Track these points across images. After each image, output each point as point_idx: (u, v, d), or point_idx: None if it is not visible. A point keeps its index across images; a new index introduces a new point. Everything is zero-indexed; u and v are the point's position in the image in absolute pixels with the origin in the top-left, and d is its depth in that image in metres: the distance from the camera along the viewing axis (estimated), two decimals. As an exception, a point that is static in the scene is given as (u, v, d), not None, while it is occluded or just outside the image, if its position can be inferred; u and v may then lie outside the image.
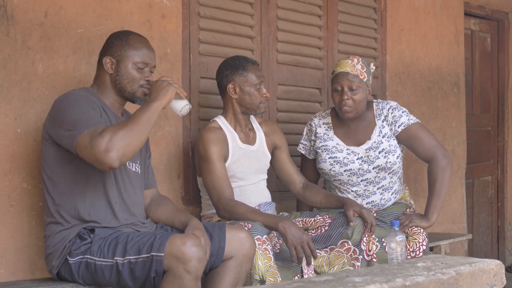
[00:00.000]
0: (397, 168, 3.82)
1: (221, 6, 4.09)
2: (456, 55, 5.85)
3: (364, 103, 3.74)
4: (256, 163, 3.75)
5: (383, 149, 3.78)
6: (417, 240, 3.72)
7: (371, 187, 3.81)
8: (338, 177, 3.82)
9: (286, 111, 4.47)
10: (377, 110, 3.83)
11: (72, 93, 2.98)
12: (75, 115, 2.85)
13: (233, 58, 3.70)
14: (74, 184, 2.98)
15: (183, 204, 3.89)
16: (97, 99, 3.05)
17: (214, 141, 3.56)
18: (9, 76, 3.19)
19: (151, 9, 3.75)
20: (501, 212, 6.67)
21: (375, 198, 3.82)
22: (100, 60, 3.12)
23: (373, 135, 3.80)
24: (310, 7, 4.62)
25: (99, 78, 3.13)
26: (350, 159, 3.80)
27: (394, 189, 3.86)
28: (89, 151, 2.74)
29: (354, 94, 3.69)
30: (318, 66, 4.65)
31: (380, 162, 3.77)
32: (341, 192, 3.86)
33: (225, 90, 3.67)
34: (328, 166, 3.83)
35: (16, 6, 3.21)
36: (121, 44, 3.09)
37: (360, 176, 3.80)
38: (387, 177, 3.81)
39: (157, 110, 2.90)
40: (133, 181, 3.13)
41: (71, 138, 2.80)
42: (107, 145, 2.71)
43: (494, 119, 6.62)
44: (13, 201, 3.23)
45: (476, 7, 6.23)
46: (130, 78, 3.08)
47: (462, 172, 5.97)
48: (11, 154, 3.21)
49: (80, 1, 3.45)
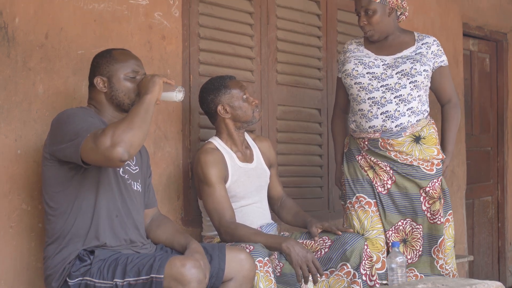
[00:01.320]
0: (420, 84, 3.76)
1: (221, 28, 4.11)
2: (455, 75, 5.86)
3: (385, 23, 3.80)
4: (256, 181, 3.74)
5: (413, 58, 3.78)
6: (414, 248, 3.73)
7: (389, 94, 3.74)
8: (359, 79, 3.79)
9: (285, 132, 4.47)
10: (418, 36, 3.87)
11: (69, 109, 3.00)
12: (76, 125, 2.85)
13: (210, 82, 3.71)
14: (75, 202, 2.97)
15: (183, 225, 3.88)
16: (96, 116, 3.06)
17: (213, 163, 3.56)
18: (9, 97, 3.20)
19: (151, 31, 3.77)
20: (501, 232, 6.65)
21: (390, 107, 3.73)
22: (91, 83, 3.13)
23: (406, 50, 3.82)
24: (309, 28, 4.64)
25: (94, 99, 3.14)
26: (375, 64, 3.80)
27: (412, 107, 3.75)
28: (95, 151, 2.74)
29: (370, 17, 3.77)
30: (318, 86, 4.66)
31: (405, 67, 3.74)
32: (358, 103, 3.81)
33: (215, 113, 3.68)
34: (352, 66, 3.83)
35: (17, 27, 3.22)
36: (107, 61, 3.10)
37: (382, 81, 3.76)
38: (408, 86, 3.74)
39: (152, 101, 2.90)
40: (134, 200, 3.12)
41: (75, 146, 2.80)
42: (112, 140, 2.71)
43: (494, 139, 6.62)
44: (13, 222, 3.22)
45: (475, 28, 6.25)
46: (125, 89, 3.09)
47: (462, 193, 5.96)
48: (11, 175, 3.21)
49: (81, 22, 3.46)
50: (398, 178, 3.78)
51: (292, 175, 4.44)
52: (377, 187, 3.81)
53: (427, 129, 3.80)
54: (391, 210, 3.80)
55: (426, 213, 3.77)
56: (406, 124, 3.73)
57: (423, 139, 3.77)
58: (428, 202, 3.77)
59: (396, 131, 3.73)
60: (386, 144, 3.75)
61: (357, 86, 3.79)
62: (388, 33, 3.85)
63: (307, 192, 4.59)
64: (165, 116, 3.82)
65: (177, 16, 3.89)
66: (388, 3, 3.77)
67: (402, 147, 3.74)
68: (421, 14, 5.56)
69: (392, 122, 3.72)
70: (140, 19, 3.71)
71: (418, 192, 3.77)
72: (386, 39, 3.87)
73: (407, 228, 3.80)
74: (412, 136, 3.75)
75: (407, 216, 3.79)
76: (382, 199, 3.80)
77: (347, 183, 3.88)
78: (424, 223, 3.78)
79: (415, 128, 3.76)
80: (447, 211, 3.86)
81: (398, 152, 3.75)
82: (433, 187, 3.77)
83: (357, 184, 3.85)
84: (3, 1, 3.18)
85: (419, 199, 3.77)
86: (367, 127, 3.77)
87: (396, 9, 3.82)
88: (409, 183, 3.77)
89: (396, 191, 3.79)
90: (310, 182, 4.61)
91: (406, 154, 3.75)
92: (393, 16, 3.82)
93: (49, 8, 3.34)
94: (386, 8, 3.78)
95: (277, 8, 4.46)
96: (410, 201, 3.78)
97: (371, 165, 3.82)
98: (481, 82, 6.48)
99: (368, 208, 3.81)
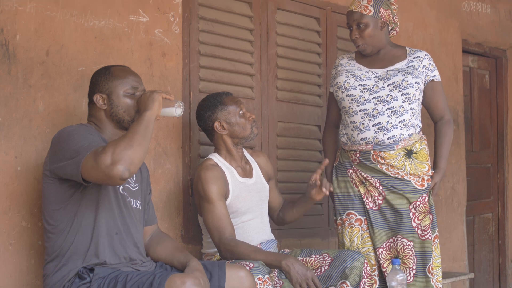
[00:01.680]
0: (412, 96, 3.76)
1: (221, 44, 4.12)
2: (455, 91, 5.87)
3: (378, 36, 3.81)
4: (256, 195, 3.74)
5: (404, 71, 3.78)
6: (407, 266, 3.72)
7: (381, 106, 3.73)
8: (351, 91, 3.79)
9: (285, 148, 4.47)
10: (410, 51, 3.88)
11: (69, 127, 2.99)
12: (76, 143, 2.85)
13: (206, 99, 3.71)
14: (75, 220, 2.95)
15: (182, 242, 3.88)
16: (96, 133, 3.05)
17: (213, 180, 3.55)
18: (10, 114, 3.20)
19: (151, 47, 3.77)
20: (502, 249, 6.64)
21: (382, 119, 3.73)
22: (90, 100, 3.13)
23: (398, 64, 3.83)
24: (309, 45, 4.65)
25: (94, 116, 3.13)
26: (367, 76, 3.80)
27: (404, 119, 3.74)
28: (96, 169, 2.73)
29: (362, 30, 3.78)
30: (318, 103, 4.66)
31: (397, 79, 3.74)
32: (350, 115, 3.80)
33: (212, 130, 3.68)
34: (343, 78, 3.83)
35: (18, 44, 3.23)
36: (106, 78, 3.10)
37: (373, 93, 3.75)
38: (399, 98, 3.73)
39: (151, 118, 2.89)
40: (134, 217, 3.12)
41: (76, 164, 2.79)
42: (112, 158, 2.69)
43: (494, 156, 6.62)
44: (12, 240, 3.21)
45: (474, 45, 6.27)
46: (125, 106, 3.09)
47: (462, 209, 5.96)
48: (11, 192, 3.20)
49: (81, 39, 3.47)
50: (388, 194, 3.76)
51: (292, 192, 4.43)
52: (367, 203, 3.79)
53: (419, 144, 3.79)
54: (382, 226, 3.79)
55: (416, 230, 3.75)
56: (398, 137, 3.72)
57: (415, 154, 3.76)
58: (418, 218, 3.75)
59: (388, 143, 3.72)
60: (378, 157, 3.74)
61: (349, 98, 3.79)
62: (380, 47, 3.86)
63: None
64: (165, 132, 3.82)
65: (178, 33, 3.90)
66: (380, 17, 3.78)
67: (393, 161, 3.73)
68: (421, 30, 5.58)
69: (385, 134, 3.72)
70: (140, 36, 3.72)
71: (408, 207, 3.75)
72: (378, 53, 3.88)
73: (398, 245, 3.77)
74: (404, 150, 3.74)
75: (398, 233, 3.77)
76: (372, 215, 3.78)
77: (337, 199, 3.87)
78: (415, 240, 3.75)
79: (407, 142, 3.75)
80: (434, 230, 3.84)
81: (389, 166, 3.74)
82: (423, 201, 3.77)
83: (348, 200, 3.84)
84: (4, 18, 3.18)
85: (409, 215, 3.75)
86: (359, 139, 3.76)
87: (388, 23, 3.83)
88: (399, 198, 3.75)
89: (387, 207, 3.78)
90: (310, 199, 4.60)
91: (397, 168, 3.74)
92: (385, 30, 3.84)
93: (50, 25, 3.35)
94: (378, 22, 3.79)
95: (277, 25, 4.47)
96: (401, 217, 3.75)
97: (362, 180, 3.81)
98: (481, 98, 6.49)
99: (359, 225, 3.81)
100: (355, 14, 3.78)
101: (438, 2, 5.80)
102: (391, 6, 3.84)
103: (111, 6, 3.59)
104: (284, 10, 4.53)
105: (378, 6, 3.77)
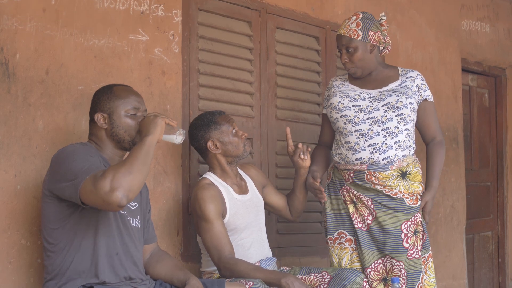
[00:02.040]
0: (407, 117, 3.74)
1: (220, 63, 4.13)
2: (455, 110, 5.88)
3: (367, 60, 3.80)
4: (254, 210, 3.75)
5: (398, 91, 3.77)
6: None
7: (376, 126, 3.71)
8: (345, 112, 3.77)
9: (285, 167, 4.47)
10: (402, 71, 3.87)
11: (69, 146, 2.98)
12: (75, 164, 2.84)
13: (199, 118, 3.72)
14: (74, 240, 2.95)
15: (182, 260, 3.87)
16: (96, 153, 3.04)
17: (210, 199, 3.55)
18: (9, 132, 3.21)
19: (151, 66, 3.79)
20: (501, 268, 6.63)
21: (378, 140, 3.71)
22: (91, 119, 3.12)
23: (392, 84, 3.82)
24: (309, 64, 4.66)
25: (94, 135, 3.12)
26: (361, 97, 3.79)
27: (399, 140, 3.72)
28: (94, 194, 2.72)
29: (351, 54, 3.78)
30: (317, 122, 4.67)
31: (391, 99, 3.73)
32: (344, 136, 3.79)
33: (206, 149, 3.69)
34: (337, 99, 3.82)
35: (18, 63, 3.24)
36: (108, 97, 3.09)
37: (368, 113, 3.74)
38: (394, 118, 3.72)
39: (153, 143, 2.89)
40: (133, 236, 3.11)
41: (74, 187, 2.78)
42: (111, 185, 2.69)
43: (493, 174, 6.62)
44: (12, 258, 3.21)
45: (474, 63, 6.29)
46: (126, 126, 3.08)
47: (462, 228, 5.95)
48: (11, 210, 3.20)
49: (81, 58, 3.48)
50: (379, 214, 3.73)
51: (291, 210, 4.44)
52: (356, 223, 3.78)
53: (413, 166, 3.77)
54: (371, 247, 3.76)
55: (408, 250, 3.71)
56: (393, 158, 3.71)
57: (409, 175, 3.74)
58: (410, 239, 3.71)
59: (383, 164, 3.70)
60: (372, 177, 3.72)
61: (343, 119, 3.79)
62: (371, 69, 3.85)
63: (307, 227, 4.58)
64: (164, 151, 3.83)
65: (177, 52, 3.91)
66: (370, 40, 3.77)
67: (388, 181, 3.71)
68: (420, 49, 5.59)
69: (380, 154, 3.70)
70: (140, 55, 3.73)
71: (399, 228, 3.71)
72: (370, 75, 3.87)
73: (387, 266, 3.73)
74: (399, 171, 3.72)
75: (387, 254, 3.73)
76: (360, 235, 3.76)
77: (329, 218, 3.86)
78: (404, 260, 3.70)
79: (402, 163, 3.73)
80: (427, 249, 3.81)
81: (383, 186, 3.71)
82: (414, 221, 3.74)
83: (340, 220, 3.83)
84: (4, 37, 3.20)
85: (400, 235, 3.71)
86: (353, 159, 3.75)
87: (378, 45, 3.83)
88: (390, 218, 3.72)
89: (377, 227, 3.74)
90: (310, 217, 4.60)
91: (391, 188, 3.72)
92: (375, 53, 3.83)
93: (49, 44, 3.36)
94: (367, 45, 3.78)
95: (277, 44, 4.49)
96: (390, 238, 3.71)
97: (353, 199, 3.80)
98: (480, 117, 6.50)
99: (348, 245, 3.80)
100: (344, 39, 3.78)
101: (437, 21, 5.82)
102: (381, 27, 3.84)
103: (111, 25, 3.61)
104: (284, 29, 4.55)
105: (367, 29, 3.77)
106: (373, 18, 3.82)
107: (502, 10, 6.61)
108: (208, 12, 4.11)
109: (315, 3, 4.76)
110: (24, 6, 3.27)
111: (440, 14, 5.85)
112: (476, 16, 6.29)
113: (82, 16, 3.49)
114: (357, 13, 3.82)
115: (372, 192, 3.74)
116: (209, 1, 4.10)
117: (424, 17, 5.67)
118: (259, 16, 4.39)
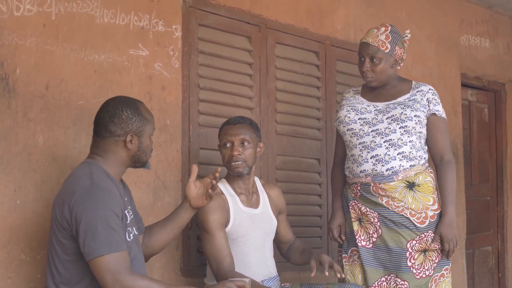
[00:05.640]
0: (411, 129, 3.71)
1: (220, 78, 4.14)
2: (454, 125, 5.89)
3: (387, 73, 3.79)
4: (261, 226, 3.70)
5: (404, 104, 3.75)
6: None
7: (379, 138, 3.70)
8: (351, 125, 3.78)
9: (285, 182, 4.47)
10: (415, 84, 3.85)
11: (96, 188, 2.83)
12: (98, 224, 2.75)
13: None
14: (86, 277, 2.86)
15: (182, 275, 3.86)
16: (105, 174, 2.94)
17: (213, 209, 3.53)
18: (9, 147, 3.21)
19: (151, 81, 3.79)
20: (502, 282, 6.61)
21: (380, 151, 3.69)
22: (112, 133, 2.97)
23: (401, 98, 3.80)
24: (308, 79, 4.67)
25: (111, 153, 2.99)
26: (368, 110, 3.79)
27: (404, 151, 3.69)
28: (104, 281, 2.71)
29: (375, 65, 3.76)
30: (317, 136, 4.67)
31: (396, 112, 3.71)
32: (350, 149, 3.79)
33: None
34: (344, 113, 3.82)
35: (18, 78, 3.25)
36: (139, 119, 3.00)
37: (372, 126, 3.73)
38: (398, 130, 3.69)
39: None
40: (138, 250, 3.08)
41: (90, 250, 2.73)
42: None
43: (493, 189, 6.62)
44: (11, 273, 3.20)
45: (473, 78, 6.30)
46: (148, 149, 3.06)
47: (462, 243, 5.94)
48: (10, 225, 3.20)
49: (81, 73, 3.49)
50: (385, 231, 3.70)
51: (291, 224, 4.40)
52: (360, 241, 3.76)
53: (423, 176, 3.72)
54: (375, 265, 3.73)
55: (411, 269, 3.66)
56: (398, 168, 3.68)
57: (417, 187, 3.70)
58: (413, 258, 3.67)
59: (387, 174, 3.68)
60: (378, 189, 3.70)
61: (349, 132, 3.79)
62: (387, 82, 3.83)
63: (306, 242, 4.56)
64: (164, 165, 3.83)
65: (177, 67, 3.92)
66: (395, 55, 3.77)
67: (394, 193, 3.68)
68: (420, 64, 5.61)
69: (383, 166, 3.68)
70: (140, 70, 3.74)
71: (404, 247, 3.67)
72: (383, 87, 3.86)
73: (391, 284, 3.70)
74: (405, 181, 3.68)
75: (391, 272, 3.70)
76: (363, 253, 3.74)
77: (346, 236, 3.86)
78: (410, 279, 3.66)
79: (408, 173, 3.69)
80: (440, 268, 3.76)
81: (390, 198, 3.68)
82: (420, 241, 3.68)
83: (351, 237, 3.83)
84: (4, 52, 3.21)
85: (405, 254, 3.66)
86: (358, 172, 3.74)
87: (399, 61, 3.83)
88: (396, 236, 3.68)
89: (382, 245, 3.72)
90: (310, 232, 4.60)
91: (398, 200, 3.67)
92: (394, 67, 3.83)
93: (49, 59, 3.37)
94: (391, 59, 3.77)
95: (277, 59, 4.50)
96: (395, 257, 3.68)
97: (359, 216, 3.78)
98: (480, 132, 6.51)
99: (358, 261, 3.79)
100: (371, 48, 3.75)
101: (437, 36, 5.84)
102: (404, 44, 3.84)
103: (111, 40, 3.62)
104: (283, 44, 4.57)
105: (394, 44, 3.76)
106: (400, 33, 3.83)
107: (502, 25, 6.63)
108: (208, 27, 4.12)
109: (315, 18, 4.78)
110: (24, 21, 3.28)
111: (439, 29, 5.87)
112: (476, 31, 6.30)
113: (82, 31, 3.50)
114: (385, 24, 3.80)
115: (379, 207, 3.71)
116: (209, 16, 4.12)
117: (423, 32, 5.68)
118: (259, 31, 4.40)
